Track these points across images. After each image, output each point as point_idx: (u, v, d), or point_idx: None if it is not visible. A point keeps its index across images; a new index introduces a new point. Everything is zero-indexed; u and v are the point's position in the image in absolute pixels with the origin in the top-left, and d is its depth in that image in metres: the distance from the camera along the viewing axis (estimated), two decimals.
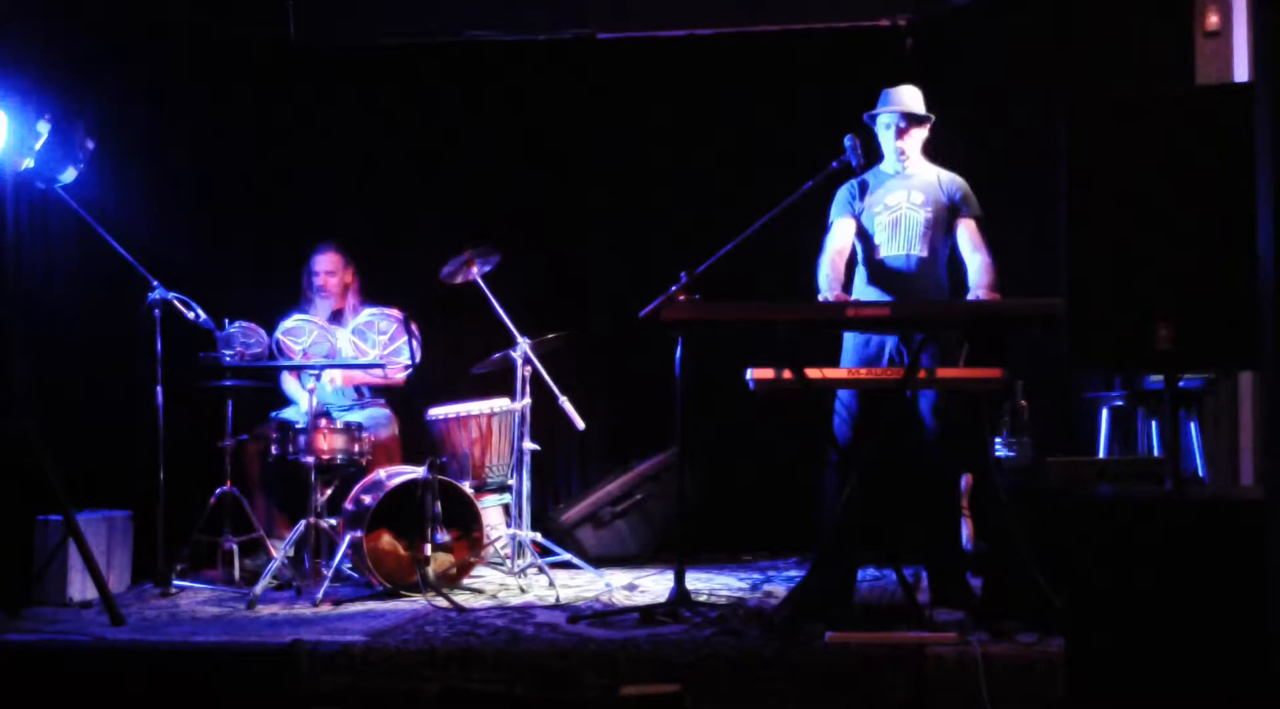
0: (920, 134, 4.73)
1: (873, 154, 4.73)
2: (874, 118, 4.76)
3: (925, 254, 4.65)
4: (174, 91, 6.13)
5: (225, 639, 4.09)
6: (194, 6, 6.25)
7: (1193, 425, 5.10)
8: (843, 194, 4.77)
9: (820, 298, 4.60)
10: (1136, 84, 5.31)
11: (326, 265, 5.91)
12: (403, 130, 6.72)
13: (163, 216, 5.93)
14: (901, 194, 4.69)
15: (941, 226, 4.67)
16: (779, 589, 5.06)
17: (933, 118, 4.74)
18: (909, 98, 4.73)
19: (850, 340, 4.67)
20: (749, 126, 6.45)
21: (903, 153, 4.71)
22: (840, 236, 4.73)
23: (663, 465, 6.29)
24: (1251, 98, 2.72)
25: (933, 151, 4.81)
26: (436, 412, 5.72)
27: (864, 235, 4.73)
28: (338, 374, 5.73)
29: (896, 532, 4.72)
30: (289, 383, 5.89)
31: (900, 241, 4.66)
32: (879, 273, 4.69)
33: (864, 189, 4.75)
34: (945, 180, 4.73)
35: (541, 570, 5.26)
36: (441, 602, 4.71)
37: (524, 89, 6.68)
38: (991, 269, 4.61)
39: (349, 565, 5.18)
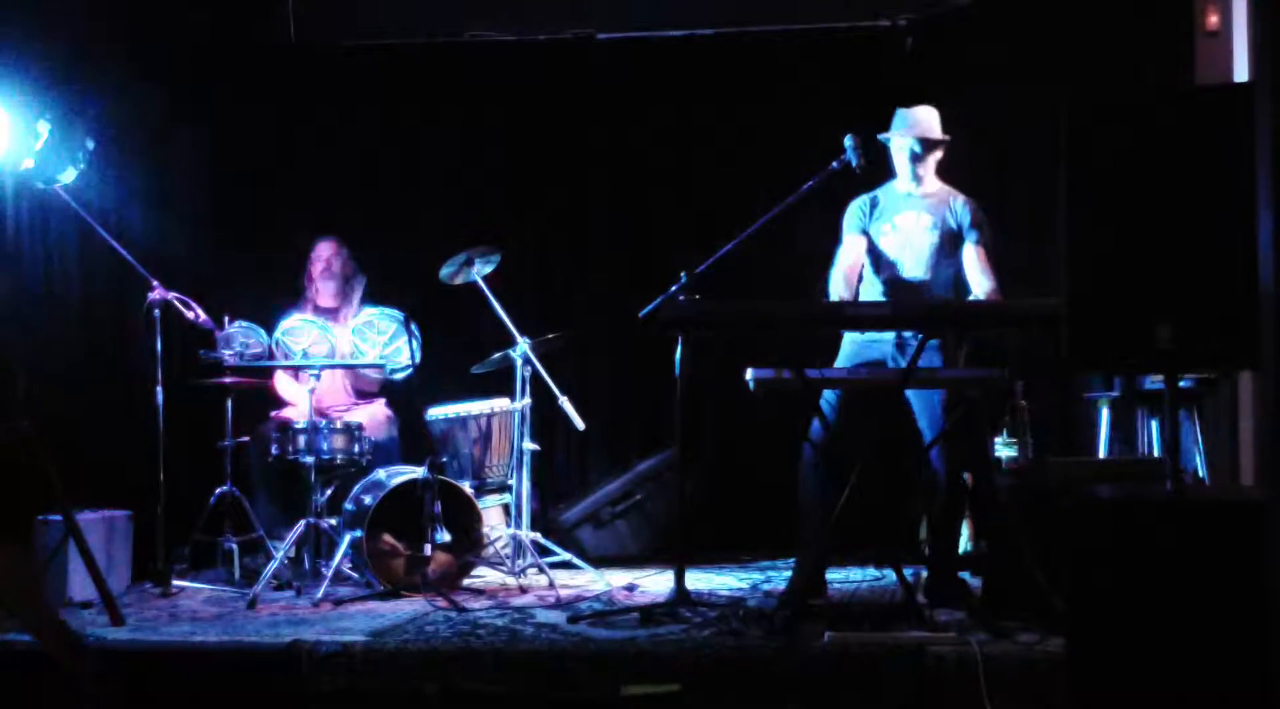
0: (935, 157, 4.69)
1: (872, 152, 4.70)
2: (888, 138, 4.70)
3: (928, 276, 4.63)
4: (174, 91, 6.12)
5: (225, 639, 4.09)
6: (194, 6, 6.24)
7: (1193, 425, 5.09)
8: (854, 209, 4.74)
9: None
10: (1136, 84, 5.31)
11: (327, 251, 5.92)
12: (403, 130, 6.71)
13: (163, 216, 5.93)
14: (911, 216, 4.67)
15: (947, 251, 4.64)
16: (779, 589, 5.06)
17: (949, 139, 4.69)
18: (926, 120, 4.67)
19: (847, 347, 4.66)
20: (749, 126, 6.44)
21: (919, 178, 4.67)
22: (850, 252, 4.71)
23: (663, 465, 6.28)
24: (1251, 98, 2.72)
25: (946, 166, 4.76)
26: (436, 411, 5.72)
27: (872, 252, 4.71)
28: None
29: (892, 531, 4.72)
30: (283, 383, 5.86)
31: (905, 263, 4.66)
32: (883, 292, 4.68)
33: (874, 205, 4.72)
34: (958, 205, 4.67)
35: (541, 570, 5.26)
36: (441, 602, 4.71)
37: (524, 89, 6.68)
38: (996, 293, 4.53)
39: (349, 565, 5.18)
